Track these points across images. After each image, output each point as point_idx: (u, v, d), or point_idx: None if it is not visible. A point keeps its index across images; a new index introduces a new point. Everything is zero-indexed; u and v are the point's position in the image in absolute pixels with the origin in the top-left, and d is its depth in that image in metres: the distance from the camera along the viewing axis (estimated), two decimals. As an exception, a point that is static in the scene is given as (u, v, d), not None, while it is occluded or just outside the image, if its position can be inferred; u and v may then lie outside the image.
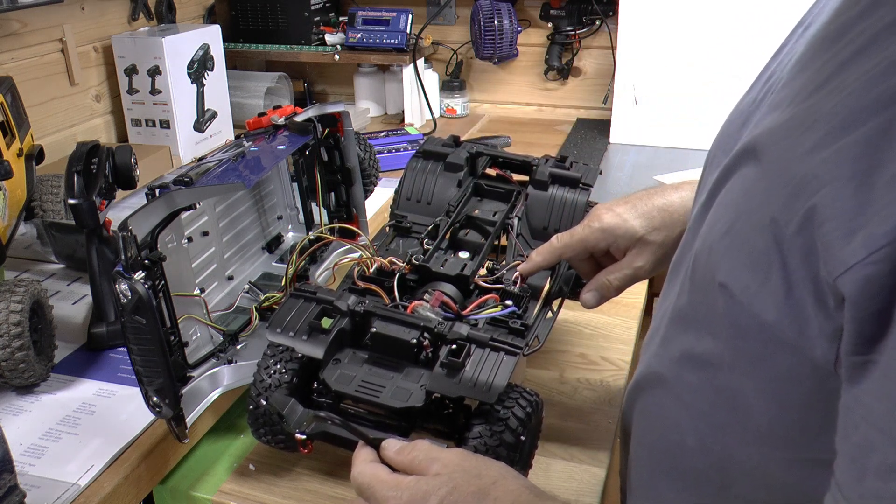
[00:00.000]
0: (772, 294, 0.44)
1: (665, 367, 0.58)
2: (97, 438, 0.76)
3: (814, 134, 0.42)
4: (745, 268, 0.46)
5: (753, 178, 0.48)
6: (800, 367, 0.45)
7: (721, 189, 0.52)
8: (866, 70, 0.41)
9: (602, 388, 0.92)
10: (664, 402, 0.58)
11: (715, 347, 0.51)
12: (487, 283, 0.78)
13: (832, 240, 0.39)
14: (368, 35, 1.80)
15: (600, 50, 1.87)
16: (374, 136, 1.72)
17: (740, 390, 0.50)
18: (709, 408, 0.53)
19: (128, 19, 1.64)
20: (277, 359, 0.71)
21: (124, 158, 0.94)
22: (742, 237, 0.47)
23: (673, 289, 0.59)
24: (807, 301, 0.42)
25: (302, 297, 0.73)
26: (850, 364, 0.39)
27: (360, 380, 0.68)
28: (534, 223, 0.87)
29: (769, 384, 0.47)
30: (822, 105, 0.43)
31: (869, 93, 0.40)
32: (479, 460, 0.58)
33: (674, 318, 0.58)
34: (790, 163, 0.43)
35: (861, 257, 0.37)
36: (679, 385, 0.56)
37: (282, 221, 1.09)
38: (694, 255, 0.54)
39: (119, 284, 0.65)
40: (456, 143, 0.93)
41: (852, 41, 0.43)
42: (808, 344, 0.43)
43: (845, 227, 0.38)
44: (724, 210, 0.51)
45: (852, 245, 0.38)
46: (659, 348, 0.59)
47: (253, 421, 0.72)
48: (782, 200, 0.43)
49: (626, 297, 1.10)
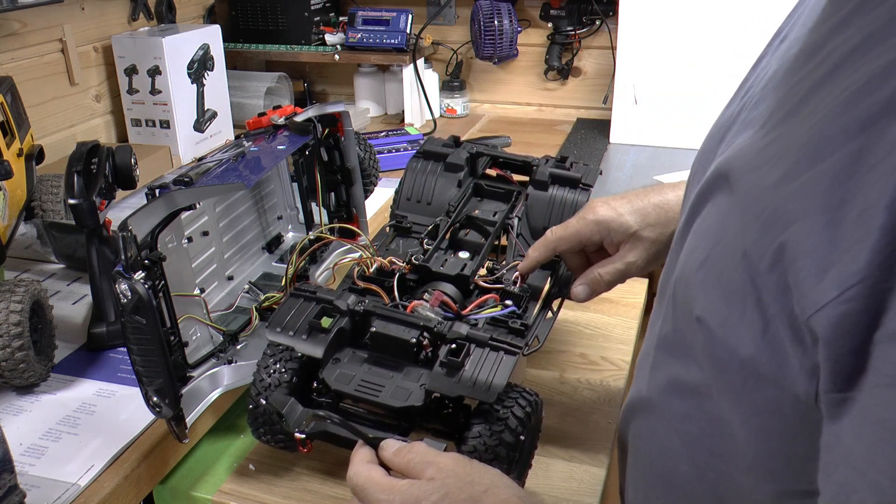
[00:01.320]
0: (749, 329, 0.43)
1: (655, 394, 0.58)
2: (97, 438, 0.76)
3: (784, 164, 0.41)
4: (721, 301, 0.46)
5: (727, 208, 0.47)
6: (781, 400, 0.43)
7: (697, 214, 0.52)
8: (834, 96, 0.40)
9: (602, 388, 0.92)
10: (657, 427, 0.58)
11: (700, 376, 0.50)
12: (487, 283, 0.78)
13: (804, 277, 0.38)
14: (368, 35, 1.80)
15: (600, 50, 1.87)
16: (374, 136, 1.72)
17: (727, 420, 0.49)
18: (700, 435, 0.52)
19: (128, 19, 1.64)
20: (277, 358, 0.71)
21: (124, 158, 0.94)
22: (717, 270, 0.46)
23: (660, 312, 0.58)
24: (784, 337, 0.41)
25: (302, 296, 0.73)
26: (829, 401, 0.38)
27: (360, 379, 0.68)
28: (534, 223, 0.87)
29: (752, 417, 0.46)
30: (792, 132, 0.42)
31: (836, 121, 0.39)
32: (473, 466, 0.58)
33: (660, 345, 0.57)
34: (761, 194, 0.43)
35: (833, 296, 0.36)
36: (669, 412, 0.55)
37: (282, 221, 1.09)
38: (674, 284, 0.53)
39: (119, 284, 0.65)
40: (456, 143, 0.93)
41: (822, 62, 0.43)
42: (787, 379, 0.42)
43: (817, 265, 0.37)
44: (700, 239, 0.50)
45: (824, 283, 0.37)
46: (649, 374, 0.59)
47: (253, 420, 0.72)
48: (754, 234, 0.42)
49: (626, 297, 1.11)
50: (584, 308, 1.07)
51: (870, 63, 0.39)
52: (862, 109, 0.37)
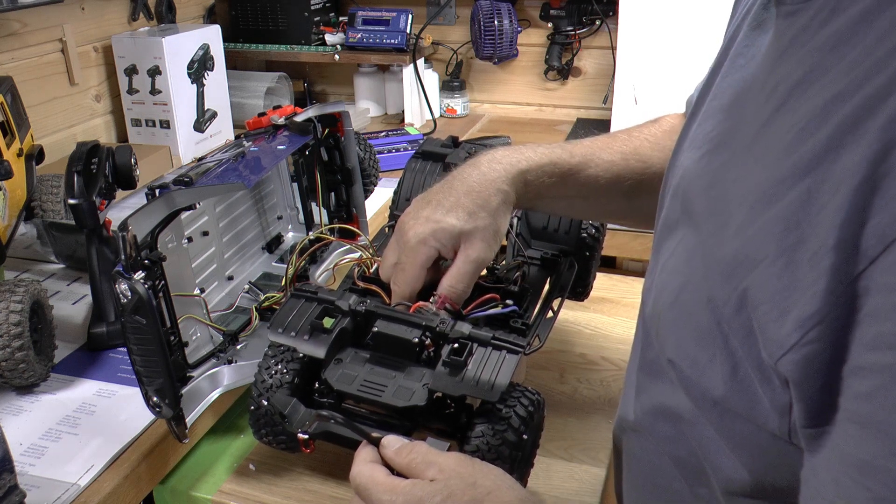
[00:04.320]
0: (719, 371, 0.44)
1: (641, 417, 0.58)
2: (97, 438, 0.76)
3: (740, 210, 0.42)
4: (691, 343, 0.46)
5: (693, 247, 0.48)
6: (757, 436, 0.44)
7: (664, 245, 0.52)
8: (781, 135, 0.40)
9: (602, 388, 0.92)
10: (647, 447, 0.58)
11: (685, 405, 0.50)
12: (488, 283, 0.78)
13: (767, 322, 0.39)
14: (368, 35, 1.80)
15: (600, 50, 1.87)
16: (374, 136, 1.72)
17: (714, 447, 0.49)
18: (688, 456, 0.52)
19: (128, 19, 1.64)
20: (279, 359, 0.71)
21: (124, 158, 0.94)
22: (686, 312, 0.47)
23: (642, 331, 0.58)
24: (753, 379, 0.42)
25: (303, 297, 0.73)
26: (806, 436, 0.39)
27: (363, 379, 0.68)
28: (533, 223, 0.87)
29: (733, 450, 0.47)
30: (746, 176, 0.43)
31: (784, 162, 0.39)
32: (475, 467, 0.58)
33: (643, 369, 0.57)
34: (722, 240, 0.43)
35: (796, 339, 0.37)
36: (657, 435, 0.56)
37: (282, 221, 1.09)
38: (648, 317, 0.53)
39: (119, 284, 0.65)
40: (454, 143, 0.93)
41: (770, 96, 0.43)
42: (760, 418, 0.42)
43: (778, 310, 0.38)
44: (669, 277, 0.51)
45: (786, 327, 0.37)
46: (634, 398, 0.59)
47: (254, 422, 0.72)
48: (718, 280, 0.43)
49: (626, 297, 1.11)
50: (584, 308, 1.07)
51: (809, 100, 0.39)
52: (806, 150, 0.38)
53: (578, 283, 0.87)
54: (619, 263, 1.79)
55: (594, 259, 0.89)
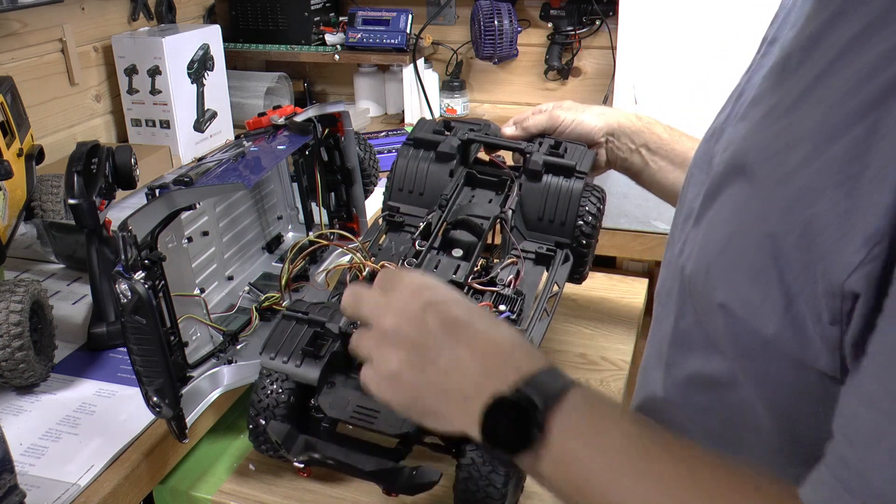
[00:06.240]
0: (772, 308, 0.45)
1: (672, 393, 0.58)
2: (97, 438, 0.76)
3: (802, 149, 0.44)
4: (744, 285, 0.47)
5: (745, 197, 0.49)
6: (805, 379, 0.45)
7: (709, 208, 0.53)
8: (840, 84, 0.43)
9: (602, 388, 0.92)
10: (677, 422, 0.58)
11: (723, 366, 0.52)
12: (481, 286, 0.77)
13: (831, 246, 0.41)
14: (368, 35, 1.80)
15: (600, 50, 1.87)
16: (374, 136, 1.72)
17: (751, 407, 0.50)
18: (720, 427, 0.53)
19: (128, 19, 1.64)
20: (273, 379, 0.71)
21: (124, 158, 0.94)
22: (739, 255, 0.48)
23: (668, 314, 0.59)
24: (805, 316, 0.43)
25: (294, 318, 0.72)
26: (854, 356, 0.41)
27: (355, 405, 0.68)
28: (528, 214, 0.85)
29: (777, 401, 0.48)
30: (804, 120, 0.45)
31: (847, 104, 0.42)
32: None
33: (675, 342, 0.58)
34: (783, 178, 0.45)
35: (863, 256, 0.39)
36: (688, 407, 0.56)
37: (282, 221, 1.09)
38: (689, 278, 0.54)
39: (119, 284, 0.65)
40: (447, 126, 0.91)
41: (822, 55, 0.45)
42: (810, 356, 0.44)
43: (842, 231, 0.40)
44: (716, 229, 0.51)
45: (852, 245, 0.39)
46: (663, 373, 0.60)
47: (254, 438, 0.73)
48: (778, 216, 0.44)
49: (626, 297, 1.11)
50: (584, 308, 1.07)
51: (871, 49, 0.41)
52: (870, 91, 0.40)
53: (575, 271, 0.86)
54: (619, 263, 1.79)
55: (591, 248, 0.88)
